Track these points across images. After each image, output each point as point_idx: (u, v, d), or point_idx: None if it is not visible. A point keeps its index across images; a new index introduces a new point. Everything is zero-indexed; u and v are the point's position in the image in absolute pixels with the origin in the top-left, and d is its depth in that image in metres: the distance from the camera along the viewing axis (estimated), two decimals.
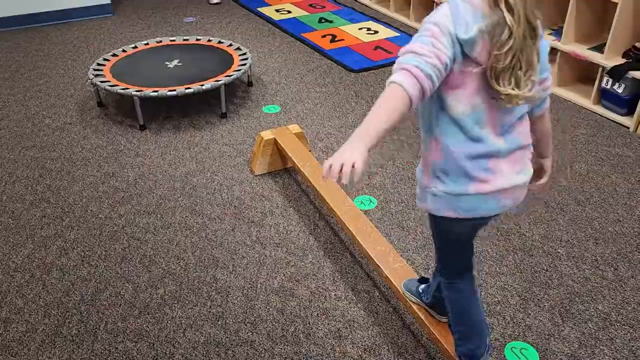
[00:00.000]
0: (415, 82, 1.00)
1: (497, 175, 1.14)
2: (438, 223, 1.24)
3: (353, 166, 0.96)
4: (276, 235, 2.10)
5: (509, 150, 1.14)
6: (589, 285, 1.86)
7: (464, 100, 1.08)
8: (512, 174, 1.15)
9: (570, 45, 3.01)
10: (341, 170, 0.96)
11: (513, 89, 1.04)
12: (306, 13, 4.41)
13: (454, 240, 1.27)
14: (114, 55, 3.13)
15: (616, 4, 2.70)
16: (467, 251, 1.32)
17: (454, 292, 1.34)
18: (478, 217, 1.18)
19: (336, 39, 3.89)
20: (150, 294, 1.85)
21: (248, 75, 3.20)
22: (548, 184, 1.25)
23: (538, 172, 1.32)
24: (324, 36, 3.94)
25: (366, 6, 4.58)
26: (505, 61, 1.02)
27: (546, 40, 1.13)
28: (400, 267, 1.70)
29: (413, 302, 1.59)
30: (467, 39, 1.02)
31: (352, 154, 0.98)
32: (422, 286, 1.55)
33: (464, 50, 1.04)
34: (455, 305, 1.36)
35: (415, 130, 2.72)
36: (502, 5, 1.01)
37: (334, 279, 1.90)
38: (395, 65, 1.05)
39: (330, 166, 0.98)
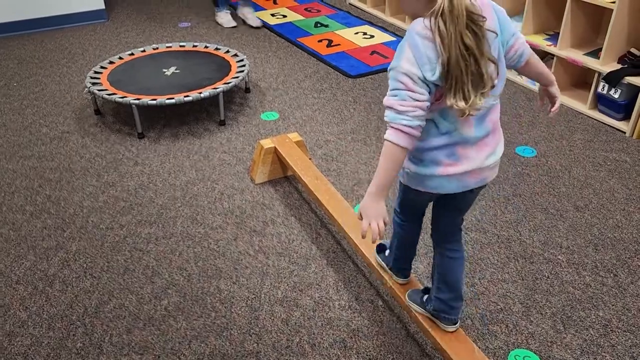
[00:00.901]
0: (407, 137, 1.19)
1: (463, 160, 1.29)
2: (407, 191, 1.44)
3: (382, 228, 1.24)
4: (278, 244, 2.11)
5: (478, 138, 1.28)
6: (589, 292, 1.88)
7: (439, 108, 1.23)
8: (480, 158, 1.30)
9: (566, 51, 3.04)
10: (378, 231, 1.25)
11: (462, 103, 1.16)
12: (302, 17, 4.42)
13: (416, 203, 1.51)
14: (110, 62, 3.12)
15: (611, 10, 2.73)
16: (423, 209, 1.57)
17: (402, 229, 1.59)
18: (442, 193, 1.36)
19: (332, 44, 3.90)
20: (154, 306, 1.85)
21: (245, 82, 3.20)
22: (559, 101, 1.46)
23: (550, 98, 1.48)
24: (320, 41, 3.95)
25: (362, 10, 4.60)
26: (450, 90, 1.15)
27: (501, 13, 1.24)
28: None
29: (418, 312, 1.60)
30: (434, 80, 1.16)
31: (378, 212, 1.25)
32: (426, 296, 1.61)
33: (434, 83, 1.18)
34: (400, 238, 1.61)
35: None
36: (437, 36, 1.13)
37: (337, 289, 1.91)
38: (385, 119, 1.21)
39: (366, 228, 1.26)
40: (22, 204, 2.33)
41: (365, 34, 4.09)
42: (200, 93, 2.75)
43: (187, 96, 2.72)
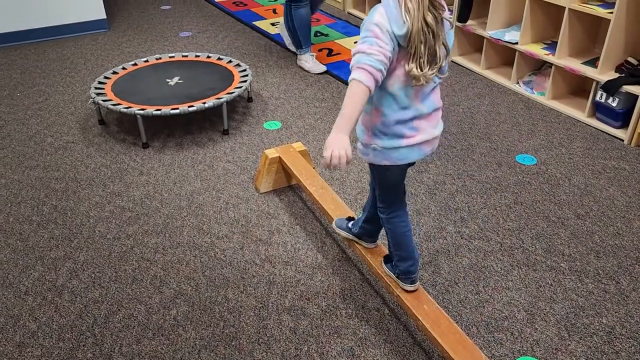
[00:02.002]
0: (370, 77, 1.32)
1: (420, 131, 1.50)
2: (378, 170, 1.59)
3: (346, 157, 1.33)
4: (284, 253, 2.13)
5: (428, 112, 1.49)
6: (592, 299, 1.91)
7: (398, 80, 1.40)
8: (430, 129, 1.52)
9: (564, 60, 3.09)
10: (339, 162, 1.33)
11: (417, 70, 1.36)
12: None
13: (390, 181, 1.62)
14: (114, 72, 3.14)
15: (608, 20, 2.78)
16: (399, 190, 1.68)
17: (392, 224, 1.69)
18: (406, 163, 1.55)
19: (333, 53, 3.93)
20: (163, 315, 1.87)
21: (248, 91, 3.23)
22: None
23: None
24: (320, 50, 3.99)
25: (361, 19, 4.64)
26: (408, 55, 1.35)
27: (451, 33, 1.45)
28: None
29: (345, 237, 1.91)
30: (401, 34, 1.33)
31: (342, 144, 1.33)
32: (351, 222, 1.90)
33: (399, 42, 1.34)
34: (394, 234, 1.70)
35: None
36: (403, 9, 1.32)
37: (344, 297, 1.94)
38: (352, 64, 1.35)
39: (331, 159, 1.34)
40: (28, 215, 2.35)
41: None
42: (204, 103, 2.78)
43: (191, 106, 2.75)
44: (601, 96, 2.89)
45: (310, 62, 3.63)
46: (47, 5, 4.15)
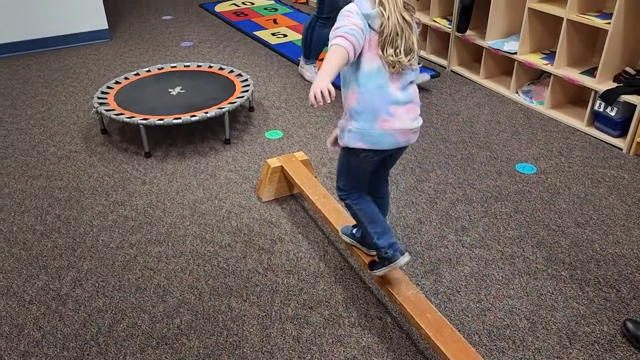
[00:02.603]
0: (347, 42, 1.47)
1: (395, 118, 1.57)
2: (349, 155, 1.68)
3: (328, 91, 1.44)
4: (287, 262, 2.15)
5: (405, 101, 1.59)
6: (593, 307, 1.92)
7: (371, 60, 1.53)
8: (407, 120, 1.60)
9: (563, 70, 3.12)
10: (322, 97, 1.44)
11: (392, 56, 1.51)
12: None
13: (358, 169, 1.72)
14: (116, 82, 3.17)
15: (606, 30, 2.82)
16: (363, 182, 1.77)
17: (360, 205, 1.77)
18: (379, 149, 1.61)
19: None
20: (166, 324, 1.87)
21: (249, 101, 3.26)
22: None
23: None
24: (321, 60, 4.02)
25: None
26: (385, 42, 1.51)
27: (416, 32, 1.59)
28: (413, 295, 1.75)
29: (349, 244, 1.97)
30: (369, 13, 1.50)
31: (324, 84, 1.44)
32: (355, 229, 1.95)
33: (369, 23, 1.51)
34: (363, 212, 1.77)
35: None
36: (377, 4, 1.50)
37: (346, 306, 1.95)
38: (331, 35, 1.50)
39: (315, 96, 1.44)
40: (32, 224, 2.36)
41: None
42: (207, 113, 2.80)
43: (194, 116, 2.77)
44: (600, 105, 2.92)
45: (311, 72, 3.68)
46: (50, 16, 4.18)
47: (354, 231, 1.96)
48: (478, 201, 2.49)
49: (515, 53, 3.33)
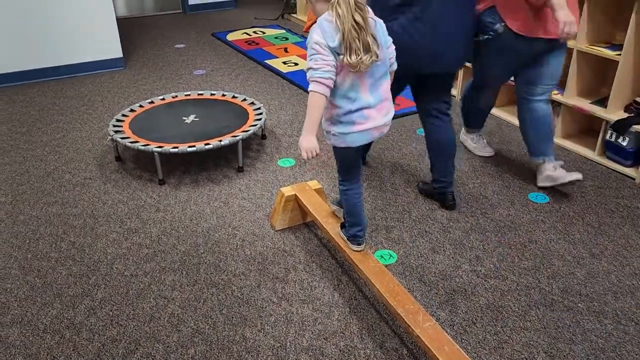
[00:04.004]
0: (322, 86, 1.70)
1: (369, 119, 1.82)
2: (337, 151, 1.97)
3: (316, 152, 1.79)
4: (301, 291, 2.14)
5: (376, 103, 1.81)
6: (612, 341, 1.90)
7: (344, 79, 1.75)
8: (379, 118, 1.84)
9: (573, 99, 3.14)
10: (311, 155, 1.79)
11: (354, 58, 1.68)
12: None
13: (346, 160, 2.00)
14: (131, 110, 3.22)
15: (616, 61, 2.85)
16: (355, 168, 2.04)
17: (348, 196, 2.05)
18: (358, 145, 1.89)
19: None
20: (181, 354, 1.86)
21: (262, 129, 3.29)
22: None
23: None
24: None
25: None
26: (347, 47, 1.68)
27: (379, 23, 1.79)
28: (430, 326, 1.74)
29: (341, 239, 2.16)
30: (334, 46, 1.69)
31: (311, 144, 1.78)
32: (345, 232, 2.16)
33: (335, 51, 1.70)
34: (348, 204, 2.06)
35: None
36: (334, 15, 1.67)
37: (361, 337, 1.93)
38: (307, 77, 1.72)
39: (305, 156, 1.79)
40: (47, 251, 2.37)
41: None
42: (221, 141, 2.83)
43: (208, 144, 2.80)
44: (611, 135, 2.93)
45: (476, 142, 3.18)
46: (66, 44, 4.27)
47: (343, 232, 2.19)
48: (492, 230, 2.48)
49: None
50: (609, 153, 3.00)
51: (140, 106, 3.27)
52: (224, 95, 3.43)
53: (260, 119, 3.09)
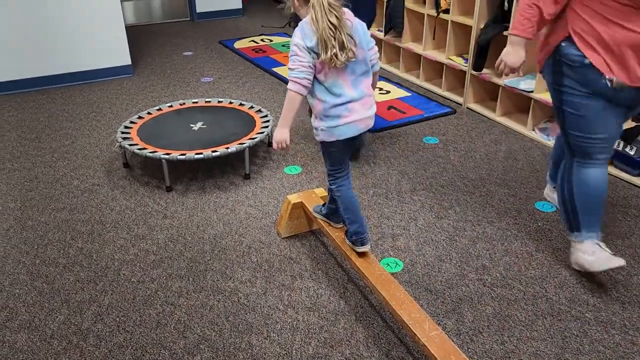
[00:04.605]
0: (297, 85, 1.84)
1: (354, 112, 1.92)
2: (325, 146, 2.03)
3: (285, 144, 1.95)
4: (307, 299, 2.14)
5: (359, 97, 1.92)
6: (620, 351, 1.89)
7: (327, 76, 1.86)
8: (363, 111, 1.95)
9: None
10: (281, 147, 1.96)
11: (329, 55, 1.78)
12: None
13: (335, 154, 2.06)
14: (139, 117, 3.24)
15: None
16: (344, 164, 2.10)
17: (341, 192, 2.10)
18: (345, 138, 1.97)
19: None
20: None
21: (269, 136, 3.30)
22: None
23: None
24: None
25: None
26: (321, 44, 1.79)
27: (361, 25, 1.90)
28: (437, 335, 1.74)
29: (320, 219, 2.29)
30: (311, 46, 1.81)
31: (283, 136, 1.94)
32: (323, 207, 2.32)
33: (313, 50, 1.81)
34: (343, 200, 2.11)
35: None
36: (312, 20, 1.80)
37: (367, 345, 1.93)
38: (289, 75, 1.85)
39: (276, 147, 1.96)
40: (55, 257, 2.39)
41: (381, 89, 4.23)
42: (228, 148, 2.85)
43: (215, 151, 2.82)
44: (619, 145, 2.92)
45: (594, 255, 2.12)
46: (76, 51, 4.32)
47: (322, 208, 2.32)
48: (498, 239, 2.48)
49: (532, 91, 3.36)
50: (617, 162, 2.99)
51: (149, 113, 3.30)
52: (231, 102, 3.46)
53: (267, 127, 3.10)
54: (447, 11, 3.90)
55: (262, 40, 5.53)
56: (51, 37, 4.20)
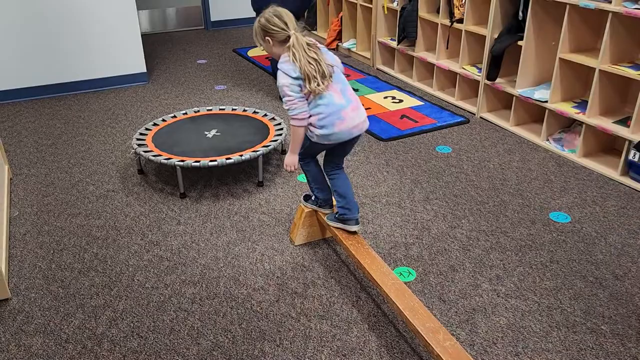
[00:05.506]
0: (300, 120, 2.08)
1: (347, 119, 2.09)
2: (315, 145, 2.19)
3: (295, 167, 2.23)
4: (320, 307, 2.14)
5: (348, 104, 2.10)
6: None
7: (315, 98, 2.07)
8: (355, 116, 2.12)
9: (595, 119, 3.12)
10: (291, 169, 2.24)
11: (314, 85, 2.01)
12: None
13: (318, 150, 2.27)
14: (154, 124, 3.27)
15: (639, 81, 2.82)
16: (319, 152, 2.32)
17: (309, 167, 2.35)
18: (340, 141, 2.16)
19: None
20: None
21: (282, 144, 3.32)
22: None
23: None
24: None
25: (390, 75, 4.78)
26: (304, 77, 2.02)
27: (329, 53, 2.13)
28: (451, 345, 1.73)
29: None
30: (296, 76, 2.02)
31: (293, 161, 2.23)
32: (313, 197, 2.47)
33: (300, 78, 2.02)
34: (312, 172, 2.36)
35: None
36: (291, 56, 2.02)
37: (380, 355, 1.92)
38: (289, 114, 2.08)
39: (289, 168, 2.23)
40: (70, 262, 2.41)
41: (394, 98, 4.24)
42: (241, 156, 2.86)
43: (229, 159, 2.84)
44: (634, 155, 2.90)
45: None
46: (91, 59, 4.38)
47: (312, 198, 2.47)
48: (512, 249, 2.46)
49: (546, 101, 3.35)
50: (632, 173, 2.97)
51: (163, 120, 3.33)
52: (245, 110, 3.48)
53: (280, 134, 3.12)
54: (460, 21, 3.91)
55: None
56: (68, 45, 4.26)
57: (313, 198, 2.46)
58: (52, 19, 4.14)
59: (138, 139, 3.08)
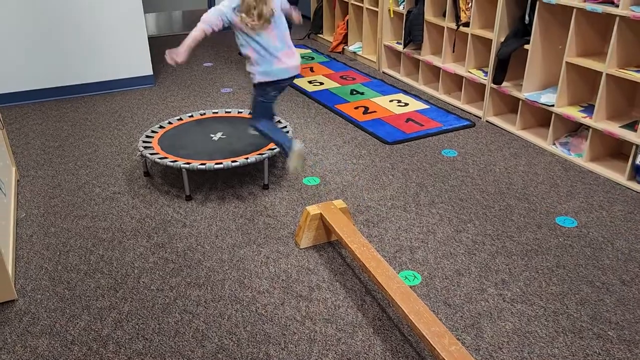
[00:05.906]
0: (203, 28, 2.46)
1: (282, 59, 2.53)
2: (261, 86, 2.59)
3: (175, 59, 2.53)
4: (325, 310, 2.14)
5: (283, 48, 2.53)
6: None
7: (255, 31, 2.46)
8: (291, 59, 2.57)
9: (602, 123, 3.11)
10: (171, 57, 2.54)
11: (249, 20, 2.42)
12: (338, 85, 4.60)
13: (266, 99, 2.65)
14: (160, 127, 3.29)
15: None
16: (269, 113, 2.76)
17: (262, 125, 2.71)
18: (278, 79, 2.57)
19: (369, 111, 4.04)
20: None
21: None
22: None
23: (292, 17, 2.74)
24: (356, 108, 4.10)
25: (395, 79, 4.78)
26: (243, 12, 2.42)
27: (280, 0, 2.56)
28: (456, 350, 1.72)
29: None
30: (234, 6, 2.42)
31: (177, 52, 2.52)
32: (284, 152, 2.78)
33: (237, 9, 2.43)
34: (267, 129, 2.72)
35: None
36: None
37: (385, 358, 1.92)
38: (201, 19, 2.46)
39: (168, 57, 2.55)
40: (76, 263, 2.42)
41: (399, 101, 4.24)
42: (247, 159, 2.87)
43: (235, 161, 2.84)
44: None
45: None
46: (98, 62, 4.40)
47: (284, 151, 2.73)
48: (518, 254, 2.45)
49: (553, 105, 3.34)
50: (639, 177, 2.95)
51: (169, 123, 3.34)
52: (250, 113, 3.48)
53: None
54: (467, 24, 3.90)
55: None
56: (75, 48, 4.29)
57: (284, 151, 2.73)
58: (60, 23, 4.17)
59: (144, 142, 3.09)
